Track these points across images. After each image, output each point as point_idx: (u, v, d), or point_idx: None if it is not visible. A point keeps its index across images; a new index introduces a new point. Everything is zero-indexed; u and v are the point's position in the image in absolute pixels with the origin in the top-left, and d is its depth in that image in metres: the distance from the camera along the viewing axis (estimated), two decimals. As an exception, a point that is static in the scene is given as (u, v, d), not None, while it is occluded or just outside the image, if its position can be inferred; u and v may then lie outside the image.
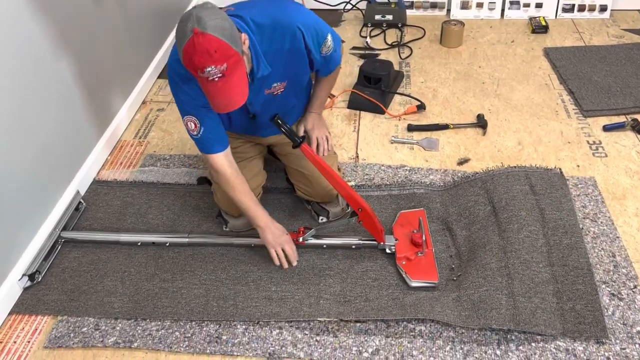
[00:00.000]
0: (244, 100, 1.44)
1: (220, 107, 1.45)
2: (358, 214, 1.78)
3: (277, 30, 1.57)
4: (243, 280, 1.82)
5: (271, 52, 1.58)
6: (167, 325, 1.71)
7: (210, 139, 1.65)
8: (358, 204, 1.76)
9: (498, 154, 2.32)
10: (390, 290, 1.77)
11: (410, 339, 1.64)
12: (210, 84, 1.37)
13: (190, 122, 1.62)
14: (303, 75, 1.77)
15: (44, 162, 1.96)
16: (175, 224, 2.05)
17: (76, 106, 2.18)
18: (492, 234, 1.85)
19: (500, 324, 1.59)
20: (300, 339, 1.65)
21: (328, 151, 1.93)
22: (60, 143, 2.07)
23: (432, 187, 2.12)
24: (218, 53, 1.32)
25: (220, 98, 1.41)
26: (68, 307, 1.76)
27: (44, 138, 1.96)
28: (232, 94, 1.41)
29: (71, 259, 1.93)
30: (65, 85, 2.09)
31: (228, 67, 1.35)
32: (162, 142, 2.48)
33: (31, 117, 1.88)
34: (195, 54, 1.32)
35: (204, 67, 1.33)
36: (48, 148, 1.99)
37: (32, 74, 1.87)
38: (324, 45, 1.66)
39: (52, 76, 2.00)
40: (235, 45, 1.36)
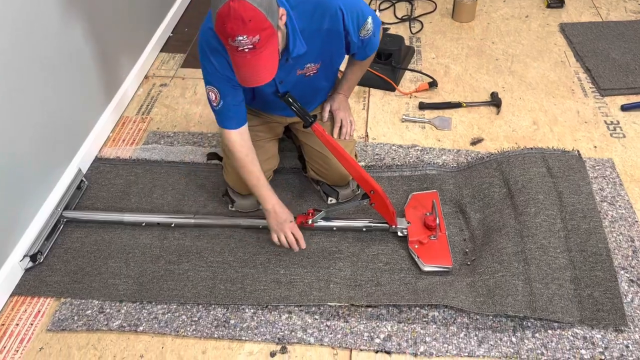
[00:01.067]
0: (270, 77, 1.37)
1: (245, 80, 1.37)
2: (370, 196, 1.72)
3: (318, 9, 1.50)
4: (251, 263, 1.77)
5: (308, 31, 1.50)
6: (173, 308, 1.66)
7: (228, 114, 1.60)
8: (370, 186, 1.70)
9: (512, 134, 2.25)
10: (402, 275, 1.72)
11: (423, 324, 1.59)
12: (239, 54, 1.29)
13: (211, 92, 1.57)
14: (338, 57, 1.69)
15: (44, 139, 1.90)
16: (180, 204, 1.99)
17: (77, 81, 2.10)
18: (507, 218, 1.79)
19: (516, 311, 1.55)
20: (310, 324, 1.61)
21: (350, 136, 1.87)
22: (61, 119, 2.00)
23: (444, 168, 2.06)
24: (252, 23, 1.25)
25: (247, 71, 1.34)
26: (71, 289, 1.72)
27: (44, 113, 1.89)
28: (260, 68, 1.34)
29: (74, 239, 1.88)
30: (66, 59, 2.01)
31: (260, 39, 1.27)
32: (166, 119, 2.41)
33: (31, 92, 1.81)
34: (228, 20, 1.24)
35: (235, 35, 1.25)
36: (48, 124, 1.92)
37: (32, 46, 1.79)
38: (363, 28, 1.58)
39: (53, 49, 1.92)
40: (271, 18, 1.28)
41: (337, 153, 1.66)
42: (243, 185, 1.84)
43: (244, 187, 1.85)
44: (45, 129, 1.90)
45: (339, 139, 1.85)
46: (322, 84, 1.78)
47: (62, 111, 2.00)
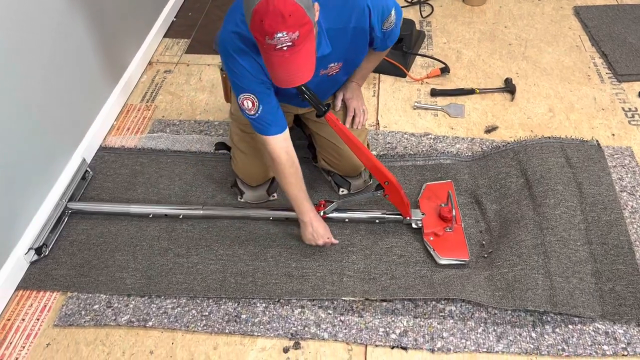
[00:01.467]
0: (309, 76, 1.30)
1: (282, 81, 1.29)
2: (384, 187, 1.67)
3: (346, 7, 1.43)
4: (262, 256, 1.73)
5: (334, 30, 1.43)
6: (182, 302, 1.62)
7: (268, 119, 1.49)
8: (385, 177, 1.64)
9: (528, 122, 2.19)
10: (417, 268, 1.67)
11: (440, 319, 1.55)
12: (277, 53, 1.21)
13: (247, 100, 1.45)
14: (361, 54, 1.62)
15: (47, 128, 1.84)
16: (187, 195, 1.94)
17: (80, 67, 2.03)
18: (526, 209, 1.74)
19: (536, 306, 1.50)
20: (323, 319, 1.57)
21: (362, 126, 1.81)
22: (64, 107, 1.94)
23: (459, 157, 2.00)
24: (292, 18, 1.17)
25: (284, 71, 1.26)
26: (78, 283, 1.68)
27: (46, 102, 1.83)
28: (299, 67, 1.26)
29: (79, 231, 1.83)
30: (68, 45, 1.94)
31: (300, 35, 1.20)
32: (171, 107, 2.35)
33: (33, 79, 1.75)
34: (267, 16, 1.16)
35: (274, 32, 1.17)
36: (51, 112, 1.86)
37: (33, 33, 1.73)
38: (387, 21, 1.50)
39: (54, 35, 1.85)
40: (309, 13, 1.21)
41: (350, 143, 1.60)
42: (253, 176, 1.79)
43: (254, 178, 1.80)
44: (48, 118, 1.84)
45: (351, 128, 1.79)
46: (342, 79, 1.72)
47: (65, 99, 1.94)
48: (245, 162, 1.79)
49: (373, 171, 1.66)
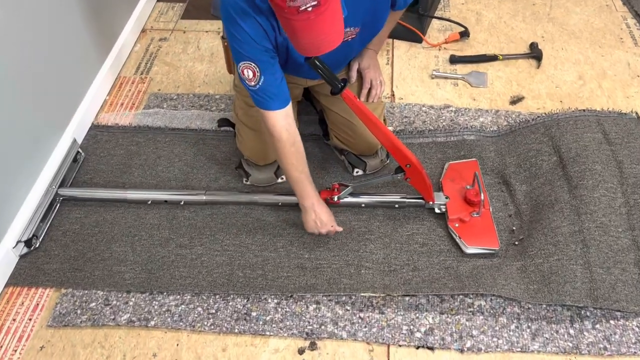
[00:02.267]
0: (340, 40, 1.13)
1: (310, 48, 1.13)
2: (405, 170, 1.51)
3: None
4: (271, 246, 1.59)
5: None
6: (187, 299, 1.49)
7: (270, 91, 1.33)
8: (406, 159, 1.48)
9: (556, 91, 2.01)
10: (441, 258, 1.53)
11: (469, 315, 1.42)
12: (301, 17, 1.04)
13: (248, 69, 1.29)
14: (381, 18, 1.43)
15: (33, 105, 1.67)
16: (188, 178, 1.78)
17: (66, 37, 1.84)
18: (560, 191, 1.58)
19: (575, 301, 1.37)
20: (341, 316, 1.44)
21: (379, 99, 1.64)
22: (51, 81, 1.76)
23: (483, 132, 1.83)
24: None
25: (312, 36, 1.09)
26: (72, 278, 1.54)
27: (31, 76, 1.65)
28: (327, 30, 1.09)
29: (72, 220, 1.69)
30: (53, 12, 1.74)
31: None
32: (167, 79, 2.17)
33: (16, 52, 1.56)
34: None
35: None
36: (37, 88, 1.68)
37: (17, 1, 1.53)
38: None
39: (39, 1, 1.65)
40: None
41: (368, 122, 1.43)
42: (261, 154, 1.63)
43: (262, 156, 1.64)
44: (33, 95, 1.67)
45: (366, 102, 1.61)
46: (358, 48, 1.53)
47: (51, 73, 1.76)
48: (252, 139, 1.62)
49: (393, 152, 1.50)
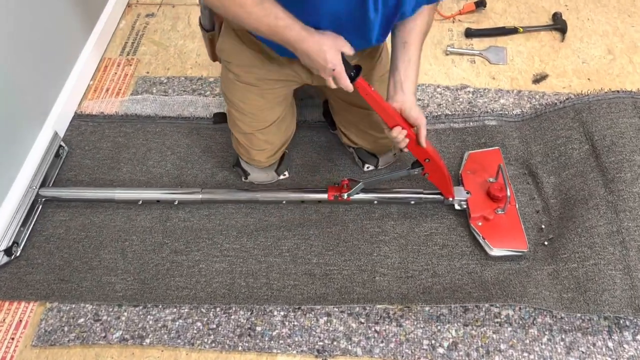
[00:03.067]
0: None
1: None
2: (424, 165, 1.35)
3: None
4: (276, 250, 1.44)
5: None
6: (184, 313, 1.36)
7: None
8: (426, 154, 1.32)
9: (583, 68, 1.83)
10: (463, 261, 1.39)
11: (496, 327, 1.29)
12: None
13: None
14: None
15: (7, 94, 1.50)
16: (182, 174, 1.62)
17: (43, 16, 1.65)
18: (593, 184, 1.43)
19: (615, 311, 1.24)
20: (355, 330, 1.31)
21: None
22: (27, 66, 1.58)
23: (506, 117, 1.66)
24: None
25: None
26: (58, 291, 1.40)
27: (4, 60, 1.47)
28: None
29: (56, 223, 1.54)
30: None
31: None
32: (156, 60, 1.98)
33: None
34: None
35: None
36: (11, 74, 1.50)
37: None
38: None
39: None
40: None
41: (386, 116, 1.25)
42: (260, 158, 1.46)
43: (262, 159, 1.47)
44: (7, 81, 1.49)
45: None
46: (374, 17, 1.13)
47: (27, 56, 1.58)
48: (248, 143, 1.45)
49: (411, 147, 1.33)
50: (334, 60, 1.10)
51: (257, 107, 1.37)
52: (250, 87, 1.34)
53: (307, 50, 1.09)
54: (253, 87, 1.34)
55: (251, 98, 1.36)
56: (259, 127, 1.41)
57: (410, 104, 1.21)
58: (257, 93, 1.35)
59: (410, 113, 1.22)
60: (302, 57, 1.13)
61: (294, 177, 1.58)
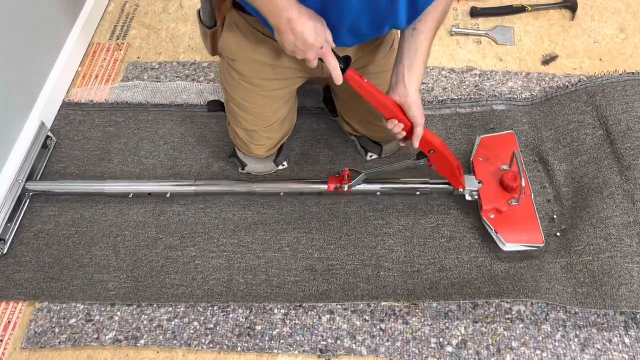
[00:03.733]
0: None
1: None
2: (429, 156, 1.28)
3: None
4: (275, 245, 1.38)
5: None
6: (180, 312, 1.29)
7: None
8: (429, 145, 1.24)
9: (594, 48, 1.75)
10: (472, 254, 1.33)
11: (507, 324, 1.23)
12: None
13: None
14: None
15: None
16: (176, 164, 1.55)
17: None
18: (608, 172, 1.36)
19: (633, 306, 1.18)
20: (359, 328, 1.25)
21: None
22: (11, 53, 1.49)
23: (514, 100, 1.58)
24: None
25: None
26: (48, 290, 1.34)
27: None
28: None
29: (45, 218, 1.47)
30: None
31: None
32: (147, 44, 1.89)
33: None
34: None
35: None
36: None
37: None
38: None
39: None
40: None
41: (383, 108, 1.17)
42: (259, 152, 1.39)
43: (261, 153, 1.39)
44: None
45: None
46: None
47: (10, 41, 1.49)
48: (245, 131, 1.38)
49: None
50: (324, 36, 1.00)
51: (261, 106, 1.30)
52: (254, 87, 1.26)
53: (295, 19, 0.96)
54: (257, 88, 1.26)
55: (255, 98, 1.28)
56: (262, 126, 1.33)
57: (410, 100, 1.12)
58: (262, 94, 1.28)
59: (409, 109, 1.13)
60: (284, 33, 0.99)
61: (293, 167, 1.51)
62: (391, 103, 1.15)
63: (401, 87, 1.12)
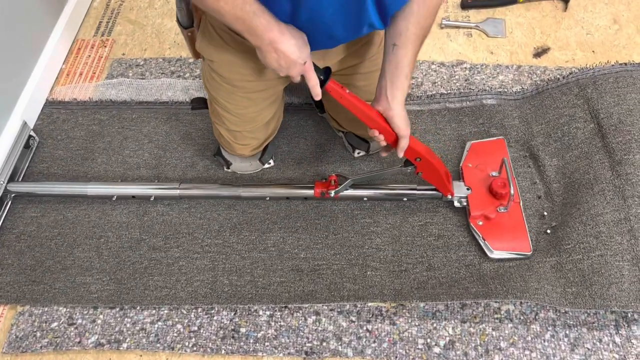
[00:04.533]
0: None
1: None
2: (416, 164, 1.25)
3: None
4: (260, 245, 1.35)
5: None
6: (164, 314, 1.27)
7: None
8: (416, 153, 1.22)
9: (587, 39, 1.72)
10: (460, 253, 1.30)
11: (495, 323, 1.21)
12: None
13: None
14: None
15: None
16: (160, 163, 1.52)
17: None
18: (599, 167, 1.33)
19: (623, 305, 1.15)
20: (345, 329, 1.23)
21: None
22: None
23: (505, 94, 1.55)
24: None
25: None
26: (30, 293, 1.32)
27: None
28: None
29: (27, 220, 1.44)
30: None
31: None
32: (133, 40, 1.86)
33: None
34: None
35: None
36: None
37: None
38: None
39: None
40: None
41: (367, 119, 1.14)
42: (244, 152, 1.36)
43: (246, 153, 1.37)
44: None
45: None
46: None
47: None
48: (229, 130, 1.35)
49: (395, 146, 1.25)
50: (306, 53, 1.00)
51: (244, 107, 1.27)
52: (236, 89, 1.23)
53: (277, 40, 0.96)
54: (239, 90, 1.23)
55: (237, 100, 1.25)
56: (246, 127, 1.31)
57: (393, 113, 1.11)
58: (244, 96, 1.25)
59: (392, 122, 1.13)
60: (267, 52, 0.99)
61: (279, 165, 1.48)
62: (375, 114, 1.13)
63: (384, 101, 1.11)
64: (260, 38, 0.97)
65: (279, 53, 0.99)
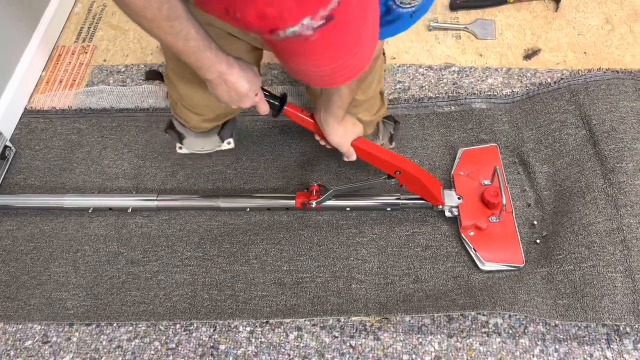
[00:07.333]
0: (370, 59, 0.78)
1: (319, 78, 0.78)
2: (396, 177, 1.22)
3: None
4: (242, 257, 1.31)
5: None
6: (141, 331, 1.23)
7: None
8: (393, 167, 1.19)
9: (579, 40, 1.67)
10: (448, 264, 1.26)
11: (483, 338, 1.17)
12: (292, 43, 0.67)
13: None
14: None
15: None
16: (140, 173, 1.48)
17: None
18: (591, 175, 1.29)
19: (616, 318, 1.11)
20: (328, 345, 1.18)
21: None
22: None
23: (495, 98, 1.51)
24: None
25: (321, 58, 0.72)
26: (4, 310, 1.28)
27: None
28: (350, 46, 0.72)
29: (2, 234, 1.40)
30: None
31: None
32: (114, 46, 1.81)
33: None
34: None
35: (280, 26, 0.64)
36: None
37: None
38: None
39: None
40: None
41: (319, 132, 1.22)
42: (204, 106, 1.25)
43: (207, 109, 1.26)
44: None
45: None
46: None
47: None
48: (188, 87, 1.22)
49: (373, 161, 1.22)
50: (256, 85, 1.03)
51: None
52: None
53: (226, 72, 0.95)
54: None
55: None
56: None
57: (326, 133, 1.19)
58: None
59: (328, 139, 1.21)
60: (217, 84, 0.98)
61: (262, 174, 1.44)
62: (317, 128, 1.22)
63: (319, 121, 1.19)
64: (209, 71, 0.95)
65: (229, 85, 0.98)
